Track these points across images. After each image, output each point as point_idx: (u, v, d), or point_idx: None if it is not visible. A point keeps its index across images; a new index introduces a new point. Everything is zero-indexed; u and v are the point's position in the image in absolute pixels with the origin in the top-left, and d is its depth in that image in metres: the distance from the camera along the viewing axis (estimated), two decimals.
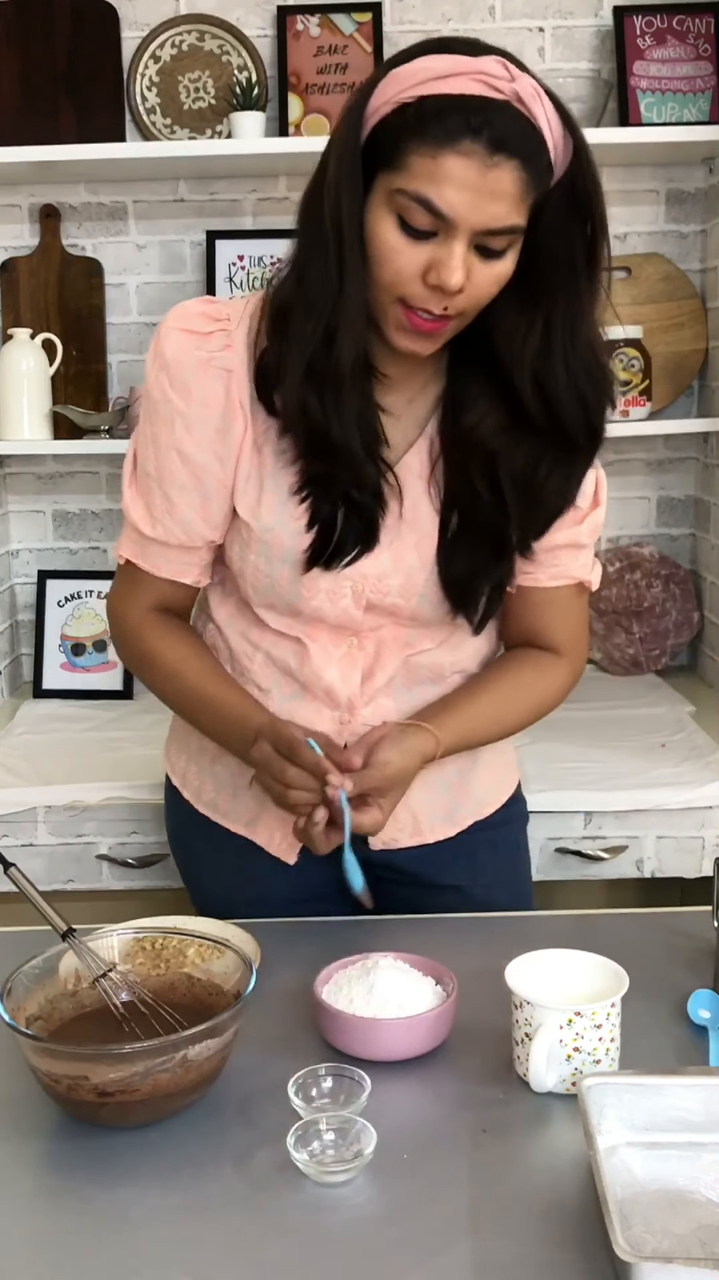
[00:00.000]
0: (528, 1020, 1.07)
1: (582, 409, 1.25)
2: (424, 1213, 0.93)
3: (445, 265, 1.14)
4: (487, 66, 1.10)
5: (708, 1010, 1.18)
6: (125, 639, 1.41)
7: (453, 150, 1.10)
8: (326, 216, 1.16)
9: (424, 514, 1.32)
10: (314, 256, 1.18)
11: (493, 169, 1.10)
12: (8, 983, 1.07)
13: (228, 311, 1.29)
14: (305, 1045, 1.14)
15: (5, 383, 2.41)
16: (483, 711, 1.38)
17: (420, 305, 1.17)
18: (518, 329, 1.22)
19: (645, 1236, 0.87)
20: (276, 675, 1.39)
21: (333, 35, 2.45)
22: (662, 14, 2.42)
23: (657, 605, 2.60)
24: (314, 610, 1.33)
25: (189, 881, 1.56)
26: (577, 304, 1.21)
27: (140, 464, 1.33)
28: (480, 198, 1.11)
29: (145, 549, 1.35)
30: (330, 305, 1.18)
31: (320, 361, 1.20)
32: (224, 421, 1.28)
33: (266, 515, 1.29)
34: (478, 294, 1.18)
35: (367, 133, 1.15)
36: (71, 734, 2.33)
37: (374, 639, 1.37)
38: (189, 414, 1.28)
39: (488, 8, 2.48)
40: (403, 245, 1.15)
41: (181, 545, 1.33)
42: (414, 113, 1.11)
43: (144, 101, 2.48)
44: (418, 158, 1.11)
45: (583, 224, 1.19)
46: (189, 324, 1.28)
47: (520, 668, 1.42)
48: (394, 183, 1.13)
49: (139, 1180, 0.97)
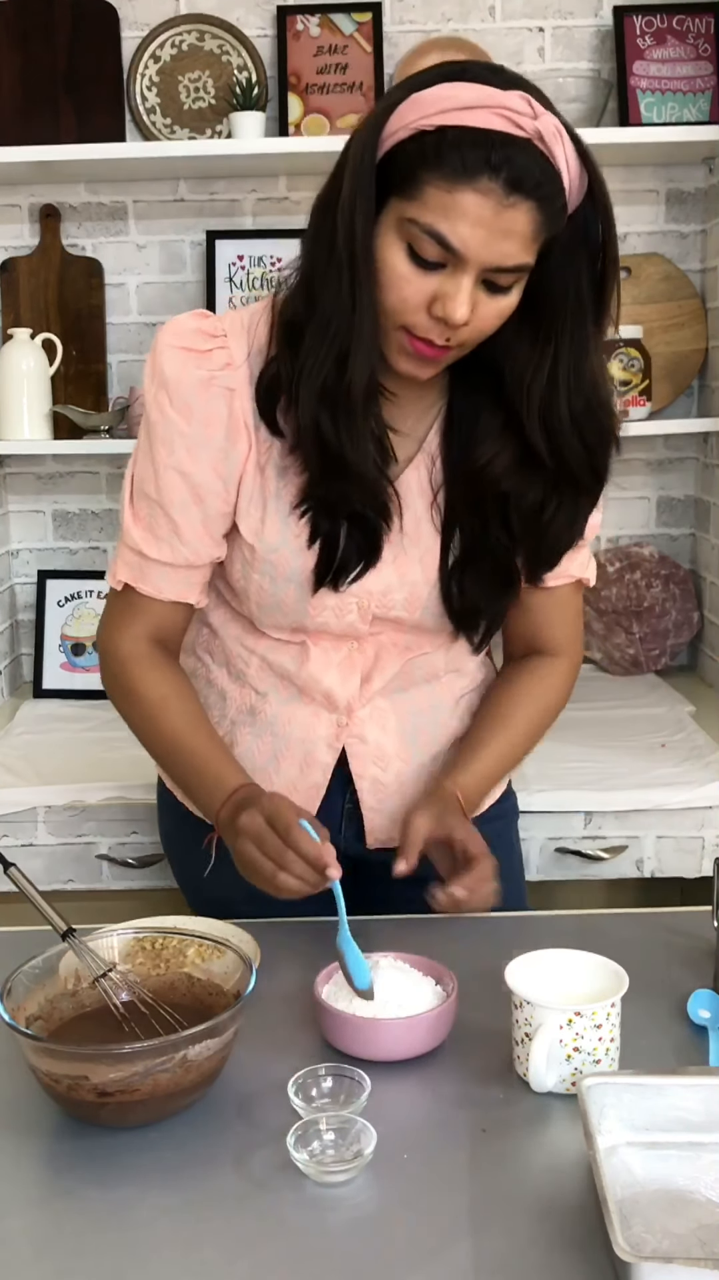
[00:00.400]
0: (528, 1020, 1.07)
1: (584, 449, 1.25)
2: (424, 1213, 0.93)
3: (452, 299, 1.13)
4: (511, 102, 1.09)
5: (708, 1010, 1.18)
6: (112, 672, 1.36)
7: (470, 186, 1.09)
8: (339, 237, 1.15)
9: (425, 529, 1.32)
10: (326, 277, 1.17)
11: (509, 209, 1.10)
12: (8, 983, 1.07)
13: (223, 326, 1.28)
14: (305, 1045, 1.14)
15: (5, 383, 2.41)
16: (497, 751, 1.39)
17: (423, 334, 1.17)
18: (528, 365, 1.22)
19: (645, 1236, 0.87)
20: (274, 679, 1.39)
21: (333, 35, 2.45)
22: (662, 14, 2.42)
23: (657, 605, 2.60)
24: (320, 625, 1.34)
25: (183, 883, 1.56)
26: (582, 342, 1.21)
27: (139, 485, 1.31)
28: (493, 236, 1.10)
29: (146, 572, 1.32)
30: (344, 328, 1.17)
31: (334, 384, 1.19)
32: (227, 442, 1.27)
33: (271, 535, 1.29)
34: (481, 326, 1.17)
35: (382, 154, 1.14)
36: (71, 734, 2.33)
37: (374, 643, 1.37)
38: (190, 434, 1.26)
39: (488, 8, 2.48)
40: (410, 274, 1.14)
41: (188, 565, 1.31)
42: (433, 142, 1.10)
43: (144, 101, 2.48)
44: (433, 189, 1.10)
45: (592, 262, 1.18)
46: (186, 341, 1.26)
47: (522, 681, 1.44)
48: (407, 211, 1.12)
49: (139, 1180, 0.97)
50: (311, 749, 1.39)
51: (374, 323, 1.17)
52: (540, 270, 1.17)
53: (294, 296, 1.22)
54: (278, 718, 1.39)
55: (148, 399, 1.29)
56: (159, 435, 1.28)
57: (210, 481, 1.28)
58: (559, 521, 1.30)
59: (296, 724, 1.39)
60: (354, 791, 1.42)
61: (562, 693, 1.46)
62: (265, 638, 1.38)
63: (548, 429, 1.23)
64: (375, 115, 1.15)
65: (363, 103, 2.44)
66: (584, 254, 1.18)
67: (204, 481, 1.28)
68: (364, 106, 2.44)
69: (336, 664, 1.37)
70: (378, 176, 1.14)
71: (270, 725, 1.40)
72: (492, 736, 1.40)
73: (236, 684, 1.41)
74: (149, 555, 1.31)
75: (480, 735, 1.40)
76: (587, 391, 1.23)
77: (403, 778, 1.42)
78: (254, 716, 1.40)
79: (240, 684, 1.41)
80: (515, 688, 1.44)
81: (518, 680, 1.44)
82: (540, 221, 1.12)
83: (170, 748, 1.33)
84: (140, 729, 1.36)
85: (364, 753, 1.40)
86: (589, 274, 1.19)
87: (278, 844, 1.17)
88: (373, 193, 1.14)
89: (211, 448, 1.27)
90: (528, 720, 1.42)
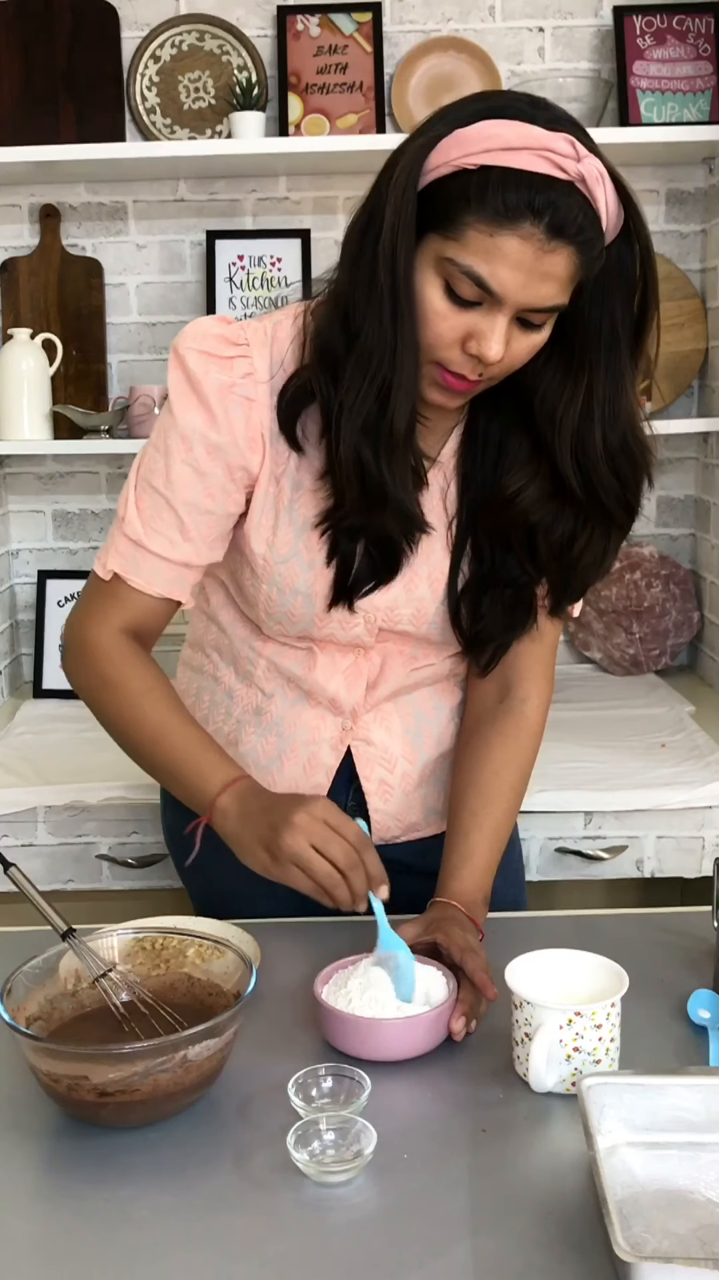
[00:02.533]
0: (528, 1020, 1.07)
1: (618, 484, 1.24)
2: (424, 1213, 0.93)
3: (487, 338, 1.13)
4: (555, 144, 1.08)
5: (708, 1010, 1.18)
6: (87, 661, 1.32)
7: (512, 230, 1.08)
8: (380, 270, 1.14)
9: (437, 548, 1.32)
10: (368, 310, 1.15)
11: (549, 254, 1.09)
12: (8, 983, 1.07)
13: (246, 335, 1.27)
14: (305, 1045, 1.14)
15: (5, 383, 2.41)
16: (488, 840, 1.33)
17: (456, 370, 1.17)
18: (559, 396, 1.21)
19: (645, 1236, 0.87)
20: (280, 680, 1.39)
21: (333, 35, 2.45)
22: (662, 14, 2.42)
23: (657, 605, 2.60)
24: (326, 635, 1.34)
25: (187, 880, 1.56)
26: (617, 377, 1.20)
27: (147, 477, 1.29)
28: (532, 279, 1.10)
29: (139, 563, 1.29)
30: (387, 364, 1.16)
31: (376, 419, 1.18)
32: (244, 450, 1.26)
33: (282, 547, 1.29)
34: (512, 362, 1.18)
35: (422, 187, 1.13)
36: (71, 734, 2.33)
37: (381, 651, 1.37)
38: (210, 436, 1.26)
39: (488, 8, 2.48)
40: (446, 311, 1.14)
41: (184, 563, 1.30)
42: (477, 183, 1.09)
43: (144, 101, 2.48)
44: (475, 232, 1.10)
45: (627, 296, 1.17)
46: (209, 347, 1.26)
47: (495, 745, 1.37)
48: (446, 250, 1.11)
49: (139, 1180, 0.97)
50: (316, 751, 1.39)
51: (415, 358, 1.16)
52: (574, 303, 1.17)
53: (331, 324, 1.21)
54: (283, 719, 1.39)
55: (173, 395, 1.27)
56: (180, 431, 1.26)
57: (224, 483, 1.27)
58: (590, 555, 1.29)
59: (302, 726, 1.39)
60: (357, 790, 1.42)
61: (536, 742, 1.40)
62: (273, 641, 1.38)
63: (580, 462, 1.23)
64: (418, 148, 1.13)
65: (363, 103, 2.44)
66: (619, 287, 1.17)
67: (218, 483, 1.27)
68: (364, 106, 2.44)
69: (343, 670, 1.37)
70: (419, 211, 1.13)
71: (275, 726, 1.40)
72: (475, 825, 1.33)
73: (243, 683, 1.41)
74: (148, 547, 1.28)
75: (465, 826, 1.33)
76: (622, 426, 1.22)
77: (409, 778, 1.42)
78: (259, 716, 1.41)
79: (247, 684, 1.41)
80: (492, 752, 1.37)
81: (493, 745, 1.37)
82: (579, 264, 1.12)
83: (156, 735, 1.30)
84: (119, 720, 1.33)
85: (370, 755, 1.40)
86: (623, 307, 1.18)
87: (348, 851, 1.15)
88: (414, 227, 1.13)
89: (230, 452, 1.26)
90: (512, 789, 1.36)
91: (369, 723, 1.39)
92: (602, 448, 1.22)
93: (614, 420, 1.21)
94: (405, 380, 1.16)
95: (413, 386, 1.17)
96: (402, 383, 1.16)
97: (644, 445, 1.25)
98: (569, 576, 1.31)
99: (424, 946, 1.20)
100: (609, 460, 1.23)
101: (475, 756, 1.38)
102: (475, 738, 1.39)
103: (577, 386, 1.21)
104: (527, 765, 1.39)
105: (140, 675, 1.31)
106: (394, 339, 1.15)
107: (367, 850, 1.16)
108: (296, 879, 1.17)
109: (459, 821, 1.34)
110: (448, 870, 1.31)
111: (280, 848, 1.16)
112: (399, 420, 1.18)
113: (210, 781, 1.25)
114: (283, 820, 1.17)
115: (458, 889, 1.29)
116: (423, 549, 1.31)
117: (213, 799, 1.25)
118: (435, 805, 1.45)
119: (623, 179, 1.14)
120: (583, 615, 2.63)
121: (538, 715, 1.40)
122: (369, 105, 2.44)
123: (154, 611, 1.32)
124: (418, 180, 1.13)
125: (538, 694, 1.40)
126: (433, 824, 1.45)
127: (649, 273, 1.18)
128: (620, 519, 1.28)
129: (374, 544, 1.27)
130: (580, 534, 1.28)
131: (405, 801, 1.43)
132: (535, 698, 1.39)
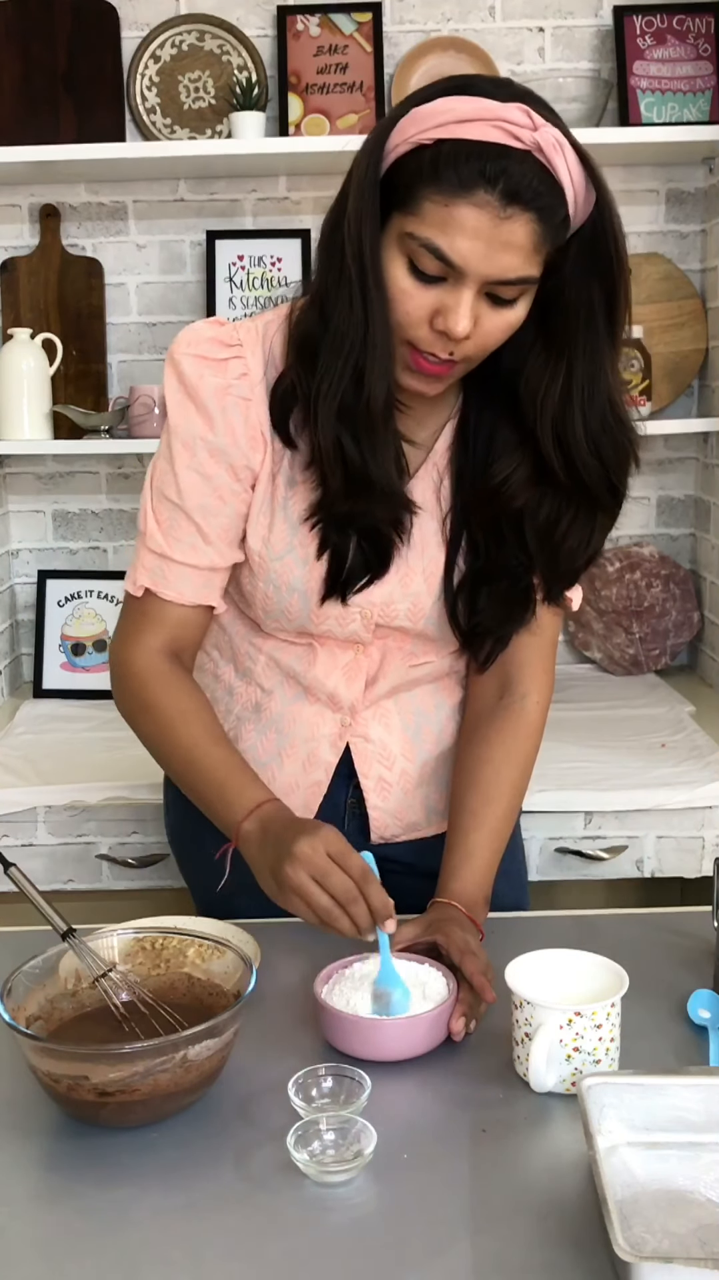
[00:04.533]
0: (528, 1020, 1.07)
1: (600, 466, 1.24)
2: (424, 1213, 0.93)
3: (453, 312, 1.13)
4: (509, 114, 1.08)
5: (708, 1010, 1.18)
6: (126, 683, 1.32)
7: (467, 199, 1.09)
8: (347, 254, 1.15)
9: (432, 541, 1.32)
10: (338, 293, 1.17)
11: (506, 220, 1.09)
12: (8, 983, 1.07)
13: (240, 336, 1.27)
14: (305, 1045, 1.14)
15: (5, 383, 2.41)
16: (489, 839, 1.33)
17: (427, 349, 1.17)
18: (541, 379, 1.21)
19: (645, 1236, 0.87)
20: (280, 676, 1.39)
21: (333, 35, 2.45)
22: (662, 14, 2.42)
23: (657, 605, 2.60)
24: (324, 631, 1.34)
25: (189, 880, 1.56)
26: (596, 359, 1.20)
27: (159, 489, 1.29)
28: (492, 248, 1.10)
29: (167, 575, 1.29)
30: (359, 345, 1.16)
31: (352, 401, 1.18)
32: (246, 449, 1.27)
33: (277, 544, 1.29)
34: (485, 341, 1.17)
35: (384, 169, 1.14)
36: (71, 734, 2.33)
37: (380, 648, 1.37)
38: (211, 440, 1.26)
39: (488, 8, 2.48)
40: (412, 288, 1.14)
41: (210, 567, 1.30)
42: (430, 156, 1.10)
43: (144, 101, 2.48)
44: (431, 204, 1.10)
45: (601, 279, 1.17)
46: (203, 350, 1.26)
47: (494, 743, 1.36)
48: (406, 226, 1.12)
49: (139, 1180, 0.97)
50: (315, 747, 1.39)
51: (387, 337, 1.17)
52: (553, 284, 1.17)
53: (308, 314, 1.22)
54: (282, 716, 1.39)
55: (170, 404, 1.28)
56: (181, 439, 1.27)
57: (230, 484, 1.28)
58: (574, 537, 1.29)
59: (301, 722, 1.39)
60: (356, 787, 1.42)
61: (536, 739, 1.39)
62: (272, 638, 1.38)
63: (562, 444, 1.23)
64: (378, 131, 1.15)
65: (363, 102, 2.44)
66: (596, 268, 1.17)
67: (225, 484, 1.28)
68: (364, 106, 2.44)
69: (342, 667, 1.37)
70: (382, 192, 1.14)
71: (275, 722, 1.40)
72: (476, 825, 1.32)
73: (243, 680, 1.41)
74: (173, 557, 1.29)
75: (465, 826, 1.33)
76: (602, 407, 1.22)
77: (407, 775, 1.42)
78: (259, 713, 1.41)
79: (246, 680, 1.41)
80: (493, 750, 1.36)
81: (493, 742, 1.37)
82: (541, 233, 1.11)
83: (187, 758, 1.30)
84: (156, 741, 1.33)
85: (369, 752, 1.40)
86: (600, 287, 1.18)
87: (347, 885, 1.14)
88: (378, 209, 1.14)
89: (231, 453, 1.27)
90: (512, 786, 1.36)
91: (368, 719, 1.39)
92: (582, 429, 1.22)
93: (592, 401, 1.21)
94: (378, 361, 1.17)
95: (387, 366, 1.18)
96: (375, 363, 1.17)
97: (626, 426, 1.25)
98: (555, 560, 1.30)
99: (424, 947, 1.20)
100: (590, 441, 1.22)
101: (476, 754, 1.37)
102: (475, 735, 1.39)
103: (557, 369, 1.20)
104: (527, 762, 1.39)
105: (175, 699, 1.30)
106: (364, 320, 1.16)
107: (368, 884, 1.14)
108: (299, 909, 1.17)
109: (459, 820, 1.34)
110: (448, 870, 1.31)
111: (283, 878, 1.16)
112: (375, 401, 1.18)
113: (234, 809, 1.25)
114: (286, 851, 1.16)
115: (458, 889, 1.29)
116: (417, 543, 1.31)
117: (237, 825, 1.24)
118: (437, 805, 1.44)
119: (587, 153, 1.13)
120: (583, 615, 2.63)
121: (538, 711, 1.39)
122: (369, 105, 2.44)
123: (190, 622, 1.32)
124: (379, 162, 1.14)
125: (538, 690, 1.39)
126: (434, 824, 1.45)
127: (618, 248, 1.17)
128: (606, 501, 1.28)
129: (363, 536, 1.27)
130: (564, 516, 1.27)
131: (405, 800, 1.43)
132: (536, 694, 1.39)
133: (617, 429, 1.24)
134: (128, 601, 1.34)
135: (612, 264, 1.17)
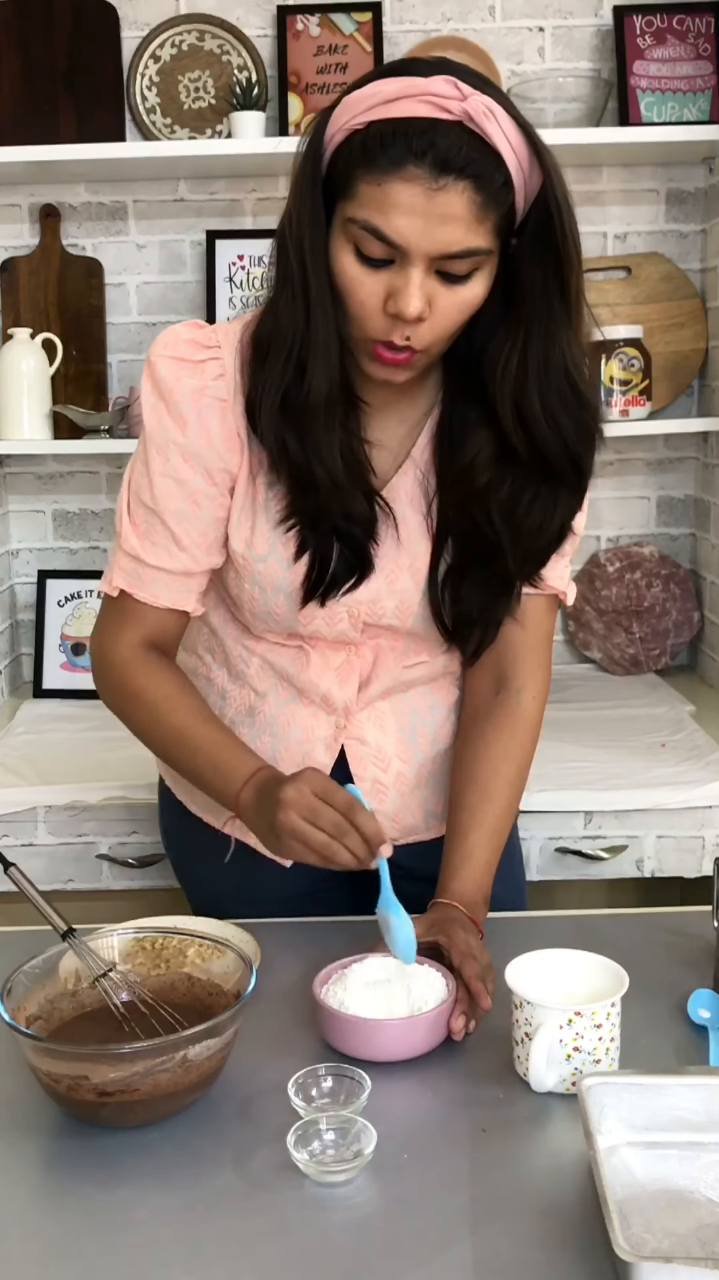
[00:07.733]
0: (528, 1020, 1.07)
1: (560, 439, 1.23)
2: (424, 1213, 0.93)
3: (403, 293, 1.12)
4: (435, 87, 1.08)
5: (708, 1010, 1.18)
6: (109, 677, 1.34)
7: (398, 176, 1.08)
8: (290, 252, 1.15)
9: (417, 538, 1.31)
10: (282, 291, 1.18)
11: (440, 192, 1.08)
12: (8, 983, 1.07)
13: (218, 338, 1.27)
14: (305, 1045, 1.14)
15: (5, 383, 2.41)
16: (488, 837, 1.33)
17: (383, 337, 1.16)
18: (499, 356, 1.20)
19: (645, 1236, 0.87)
20: (273, 679, 1.39)
21: (333, 35, 2.45)
22: (662, 14, 2.42)
23: (657, 605, 2.60)
24: (313, 632, 1.34)
25: (184, 881, 1.56)
26: (550, 331, 1.19)
27: (135, 493, 1.30)
28: (429, 222, 1.09)
29: (142, 578, 1.30)
30: (299, 339, 1.17)
31: (294, 397, 1.19)
32: (222, 451, 1.26)
33: (259, 545, 1.29)
34: (443, 322, 1.16)
35: (326, 162, 1.14)
36: (71, 734, 2.33)
37: (372, 648, 1.37)
38: (185, 444, 1.26)
39: (488, 7, 2.48)
40: (362, 276, 1.13)
41: (185, 572, 1.30)
42: (360, 140, 1.10)
43: (144, 101, 2.48)
44: (365, 186, 1.10)
45: (552, 250, 1.16)
46: (180, 352, 1.26)
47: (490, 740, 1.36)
48: (347, 212, 1.12)
49: (139, 1180, 0.97)
50: (310, 749, 1.39)
51: (330, 332, 1.17)
52: (511, 261, 1.17)
53: (264, 316, 1.23)
54: (277, 718, 1.39)
55: (145, 408, 1.28)
56: (155, 443, 1.27)
57: (206, 488, 1.28)
58: (537, 514, 1.27)
59: (295, 725, 1.39)
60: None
61: (534, 734, 1.39)
62: (264, 640, 1.38)
63: (522, 419, 1.21)
64: (314, 125, 1.15)
65: None
66: (547, 239, 1.16)
67: (200, 489, 1.27)
68: None
69: (335, 668, 1.37)
70: (326, 185, 1.15)
71: (269, 725, 1.40)
72: (475, 824, 1.32)
73: (236, 684, 1.41)
74: (146, 561, 1.29)
75: (464, 825, 1.33)
76: (557, 382, 1.20)
77: (404, 778, 1.42)
78: (253, 716, 1.40)
79: (240, 684, 1.41)
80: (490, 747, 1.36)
81: (490, 739, 1.37)
82: (480, 201, 1.10)
83: (178, 740, 1.31)
84: (145, 728, 1.34)
85: (364, 754, 1.40)
86: (553, 262, 1.17)
87: (336, 818, 1.15)
88: (319, 201, 1.14)
89: (207, 456, 1.26)
90: (510, 784, 1.36)
91: (363, 721, 1.39)
92: (538, 403, 1.21)
93: (548, 375, 1.20)
94: (320, 357, 1.17)
95: (329, 361, 1.18)
96: (316, 359, 1.17)
97: (584, 400, 1.23)
98: (520, 538, 1.28)
99: (426, 948, 1.20)
100: (548, 415, 1.21)
101: (473, 752, 1.37)
102: (472, 733, 1.39)
103: (514, 343, 1.20)
104: (525, 759, 1.38)
105: (158, 684, 1.31)
106: (306, 315, 1.16)
107: (357, 813, 1.15)
108: (299, 853, 1.18)
109: (458, 820, 1.34)
110: (448, 870, 1.31)
111: (278, 826, 1.17)
112: (315, 395, 1.18)
113: (231, 782, 1.26)
114: (275, 801, 1.17)
115: (458, 889, 1.29)
116: (403, 540, 1.30)
117: (235, 797, 1.25)
118: (434, 809, 1.44)
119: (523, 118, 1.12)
120: (583, 615, 2.63)
121: (535, 706, 1.39)
122: None
123: (166, 622, 1.33)
124: (319, 156, 1.15)
125: (534, 685, 1.39)
126: (432, 828, 1.45)
127: (563, 216, 1.15)
128: (569, 478, 1.26)
129: (339, 538, 1.27)
130: (526, 491, 1.26)
131: (402, 803, 1.42)
132: (532, 688, 1.39)
133: (575, 402, 1.22)
134: (105, 600, 1.35)
135: (560, 233, 1.15)
